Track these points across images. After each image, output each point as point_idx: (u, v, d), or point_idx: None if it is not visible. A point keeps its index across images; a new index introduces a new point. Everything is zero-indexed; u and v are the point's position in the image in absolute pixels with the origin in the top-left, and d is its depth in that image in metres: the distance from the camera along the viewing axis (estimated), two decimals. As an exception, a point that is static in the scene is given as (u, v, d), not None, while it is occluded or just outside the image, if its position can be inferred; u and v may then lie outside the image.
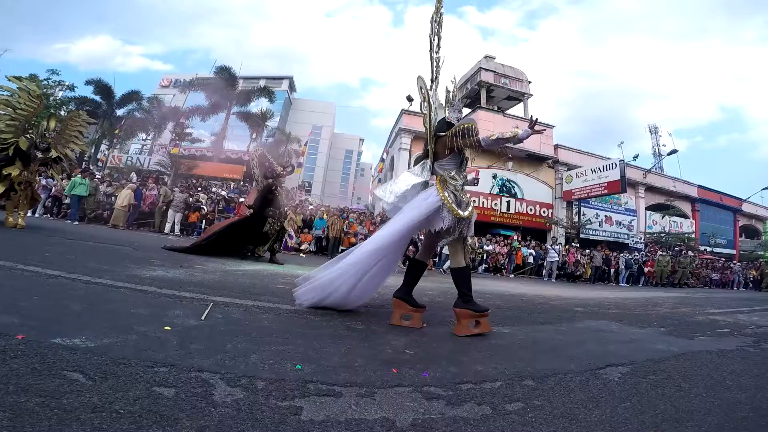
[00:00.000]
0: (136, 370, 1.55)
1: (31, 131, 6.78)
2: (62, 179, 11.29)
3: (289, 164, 9.09)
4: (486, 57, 23.71)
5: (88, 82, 26.75)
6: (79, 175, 11.49)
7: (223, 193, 17.42)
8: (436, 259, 13.59)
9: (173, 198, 12.25)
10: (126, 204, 11.78)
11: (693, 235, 26.20)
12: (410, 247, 9.20)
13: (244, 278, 4.71)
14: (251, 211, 7.69)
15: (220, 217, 13.18)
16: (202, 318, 2.53)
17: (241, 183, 24.37)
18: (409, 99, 21.03)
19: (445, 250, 12.80)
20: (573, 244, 18.92)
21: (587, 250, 17.10)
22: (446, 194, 3.18)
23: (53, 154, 6.89)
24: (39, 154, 6.71)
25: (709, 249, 26.73)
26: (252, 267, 5.87)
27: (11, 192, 6.55)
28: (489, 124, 18.64)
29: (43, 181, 10.86)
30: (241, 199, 13.95)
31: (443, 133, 3.31)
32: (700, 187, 28.53)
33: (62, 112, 19.44)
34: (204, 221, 12.90)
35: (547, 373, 2.29)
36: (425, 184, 3.38)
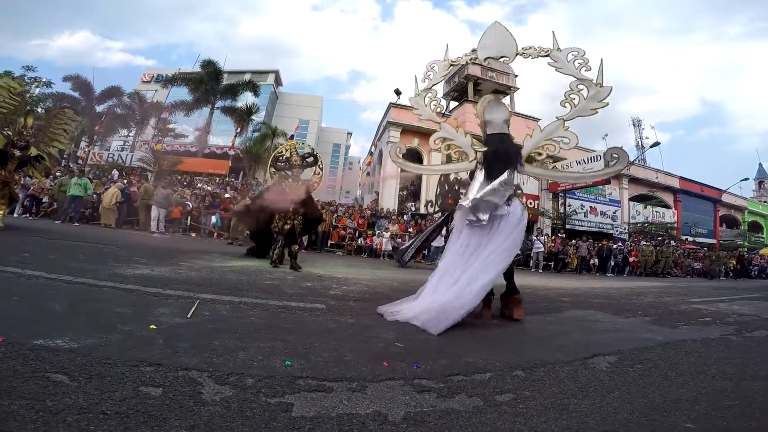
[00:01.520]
0: (122, 370, 1.52)
1: (7, 129, 6.57)
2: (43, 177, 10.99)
3: (310, 154, 7.15)
4: (473, 50, 23.68)
5: (66, 78, 26.06)
6: (76, 176, 11.21)
7: (209, 188, 17.19)
8: (426, 252, 13.64)
9: (156, 194, 11.99)
10: (115, 202, 11.57)
11: (675, 225, 26.74)
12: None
13: (231, 274, 4.65)
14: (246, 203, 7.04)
15: (206, 213, 13.00)
16: (189, 316, 2.49)
17: (227, 178, 24.06)
18: (397, 92, 20.96)
19: (436, 243, 12.87)
20: (559, 234, 19.15)
21: (573, 241, 17.31)
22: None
23: (32, 152, 6.69)
24: (17, 153, 6.50)
25: (690, 239, 27.32)
26: (239, 263, 5.81)
27: None
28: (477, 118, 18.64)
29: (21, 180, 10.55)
30: (227, 195, 13.77)
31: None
32: (681, 178, 29.10)
33: (39, 110, 18.94)
34: (189, 217, 12.71)
35: (536, 364, 2.31)
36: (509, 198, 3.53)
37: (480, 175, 3.59)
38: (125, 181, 13.51)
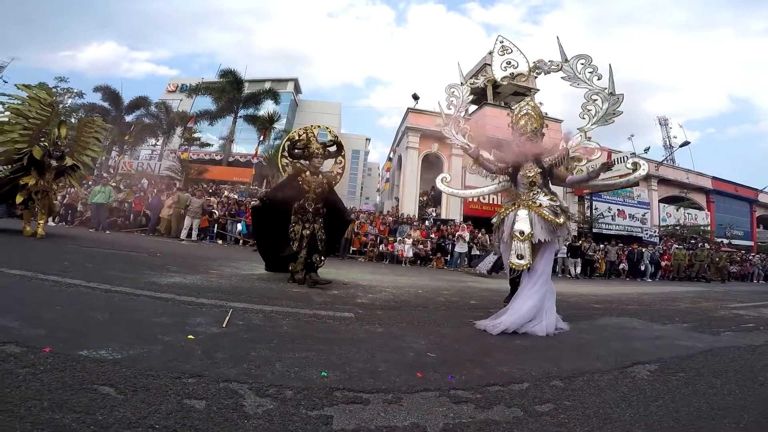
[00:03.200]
0: (165, 382, 1.55)
1: (43, 139, 6.83)
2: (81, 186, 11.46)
3: (332, 141, 5.57)
4: (490, 53, 23.51)
5: (96, 89, 27.05)
6: (99, 184, 11.64)
7: (234, 196, 17.51)
8: (448, 257, 13.57)
9: (189, 203, 12.28)
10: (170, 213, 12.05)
11: (709, 227, 25.75)
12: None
13: (259, 282, 4.72)
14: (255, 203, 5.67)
15: (232, 221, 13.23)
16: (224, 325, 2.53)
17: (251, 186, 24.46)
18: (415, 97, 20.94)
19: (459, 249, 12.89)
20: (586, 236, 18.70)
21: (601, 245, 16.86)
22: None
23: (68, 162, 6.94)
24: (54, 163, 6.76)
25: (726, 241, 26.21)
26: (265, 271, 5.80)
27: (29, 201, 6.63)
28: (496, 120, 18.42)
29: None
30: (253, 202, 13.97)
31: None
32: (714, 178, 28.05)
33: (72, 120, 19.67)
34: (216, 225, 12.96)
35: (574, 373, 2.26)
36: None
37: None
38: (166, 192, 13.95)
